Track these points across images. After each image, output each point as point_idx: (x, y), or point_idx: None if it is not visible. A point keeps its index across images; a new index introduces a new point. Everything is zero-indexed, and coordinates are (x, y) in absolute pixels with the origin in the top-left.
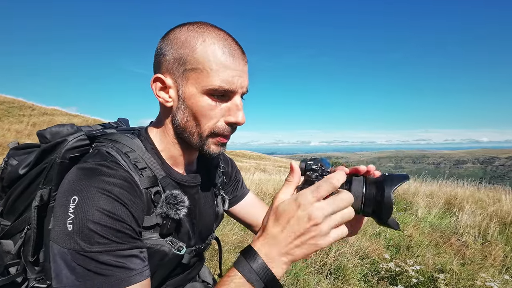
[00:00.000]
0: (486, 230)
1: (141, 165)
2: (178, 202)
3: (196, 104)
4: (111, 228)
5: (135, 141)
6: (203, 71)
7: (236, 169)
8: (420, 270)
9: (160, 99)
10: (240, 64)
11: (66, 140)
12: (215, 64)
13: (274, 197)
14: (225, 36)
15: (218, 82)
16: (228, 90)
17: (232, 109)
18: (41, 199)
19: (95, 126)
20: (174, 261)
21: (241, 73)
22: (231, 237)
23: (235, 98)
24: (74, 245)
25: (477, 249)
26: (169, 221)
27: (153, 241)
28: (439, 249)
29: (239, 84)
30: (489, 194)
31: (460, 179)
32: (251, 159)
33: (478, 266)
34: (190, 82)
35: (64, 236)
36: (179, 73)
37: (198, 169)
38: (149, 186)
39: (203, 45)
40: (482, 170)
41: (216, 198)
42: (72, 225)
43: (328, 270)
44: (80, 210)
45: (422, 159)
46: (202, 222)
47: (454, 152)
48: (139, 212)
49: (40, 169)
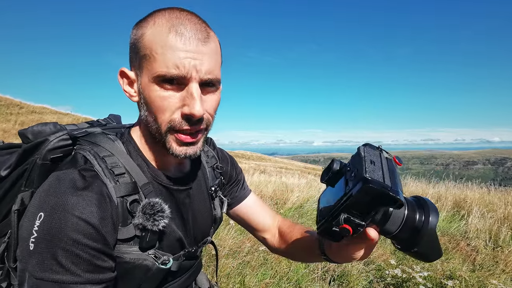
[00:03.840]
0: (497, 235)
1: (119, 170)
2: (155, 212)
3: (149, 95)
4: (71, 253)
5: (116, 143)
6: (151, 57)
7: (237, 168)
8: (428, 276)
9: (127, 94)
10: (193, 43)
11: (48, 140)
12: (161, 46)
13: None
14: (178, 15)
15: (164, 67)
16: (179, 75)
17: (187, 98)
18: (22, 202)
19: (81, 125)
20: (160, 274)
21: (195, 54)
22: (228, 241)
23: (190, 85)
24: (31, 268)
25: (487, 255)
26: (147, 233)
27: (133, 255)
28: (448, 254)
29: (192, 67)
30: (500, 196)
31: (470, 180)
32: (250, 160)
33: (489, 273)
34: (144, 71)
35: (26, 255)
36: (137, 63)
37: (191, 170)
38: (125, 194)
39: (152, 28)
40: (493, 172)
41: (213, 201)
42: (33, 245)
43: (331, 277)
44: (43, 230)
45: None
46: (196, 227)
47: (464, 152)
48: (109, 228)
49: (22, 171)
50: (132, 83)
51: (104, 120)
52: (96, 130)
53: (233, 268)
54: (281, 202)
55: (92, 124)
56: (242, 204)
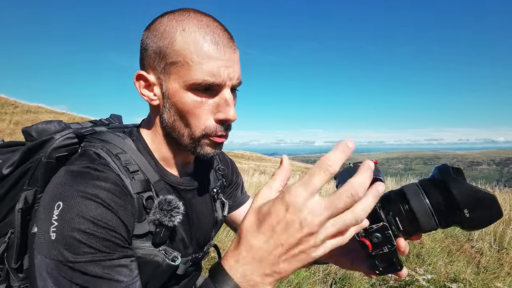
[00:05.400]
0: (502, 236)
1: (133, 168)
2: (173, 208)
3: (181, 101)
4: (97, 236)
5: (126, 141)
6: (184, 64)
7: (236, 172)
8: (431, 279)
9: (145, 97)
10: (227, 52)
11: (53, 138)
12: (196, 55)
13: (256, 194)
14: (207, 22)
15: (201, 75)
16: (214, 83)
17: (221, 105)
18: (25, 201)
19: (85, 124)
20: (168, 271)
21: (228, 63)
22: (228, 244)
23: (224, 92)
24: (58, 256)
25: (492, 257)
26: (162, 229)
27: (145, 250)
28: (452, 256)
29: (227, 76)
30: (505, 197)
31: (475, 181)
32: (250, 160)
33: (493, 275)
34: (173, 77)
35: (47, 245)
36: (160, 68)
37: (195, 171)
38: (141, 190)
39: (182, 34)
40: (498, 172)
41: (215, 203)
42: (55, 234)
43: (332, 280)
44: (64, 217)
45: (434, 160)
46: (199, 229)
47: (468, 152)
48: (129, 218)
49: (25, 169)
50: (150, 86)
51: (106, 120)
52: (102, 129)
53: None
54: None
55: (96, 123)
56: (239, 209)
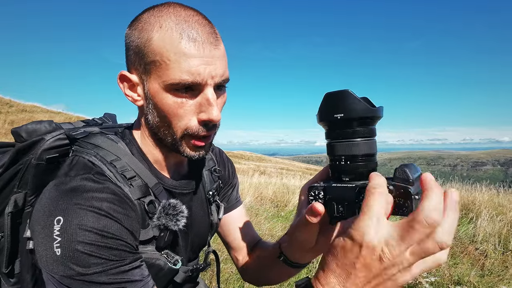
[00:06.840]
0: (507, 238)
1: (130, 174)
2: (178, 213)
3: (161, 102)
4: (105, 247)
5: (119, 145)
6: (161, 64)
7: (233, 173)
8: (435, 282)
9: (129, 98)
10: (206, 49)
11: (43, 139)
12: (173, 53)
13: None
14: (186, 17)
15: (178, 75)
16: (194, 82)
17: (203, 105)
18: (15, 204)
19: (77, 123)
20: (169, 275)
21: (209, 60)
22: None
23: (206, 91)
24: (68, 271)
25: (497, 259)
26: (167, 233)
27: (148, 254)
28: (456, 259)
29: (207, 74)
30: (510, 198)
31: (479, 182)
32: (250, 161)
33: (498, 278)
34: (153, 77)
35: (53, 262)
36: (141, 68)
37: (190, 172)
38: (141, 196)
39: (159, 32)
40: (502, 173)
41: (210, 206)
42: (60, 249)
43: None
44: (67, 231)
45: (437, 160)
46: (196, 232)
47: (472, 153)
48: (135, 225)
49: (15, 171)
50: (134, 87)
51: (99, 119)
52: (94, 130)
53: (231, 273)
54: (281, 204)
55: (88, 123)
56: (229, 215)
